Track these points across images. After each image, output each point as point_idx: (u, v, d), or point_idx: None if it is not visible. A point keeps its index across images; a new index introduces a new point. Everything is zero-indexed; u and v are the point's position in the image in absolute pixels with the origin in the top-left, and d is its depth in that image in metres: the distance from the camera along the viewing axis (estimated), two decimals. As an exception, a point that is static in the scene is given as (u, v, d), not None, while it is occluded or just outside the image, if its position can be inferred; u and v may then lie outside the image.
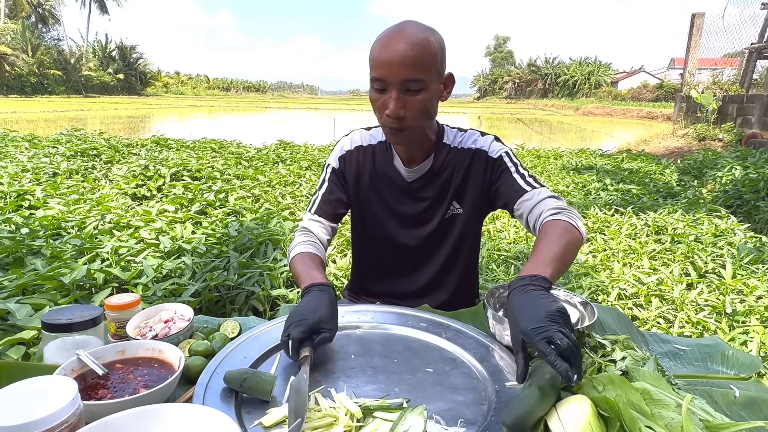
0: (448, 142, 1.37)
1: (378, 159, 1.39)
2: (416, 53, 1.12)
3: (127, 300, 1.14)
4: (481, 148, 1.35)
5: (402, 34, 1.14)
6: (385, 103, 1.17)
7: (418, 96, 1.17)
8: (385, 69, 1.14)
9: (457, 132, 1.40)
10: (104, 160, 6.39)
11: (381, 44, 1.15)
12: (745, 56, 13.56)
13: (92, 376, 0.91)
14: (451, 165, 1.36)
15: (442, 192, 1.38)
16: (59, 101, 37.16)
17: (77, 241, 2.66)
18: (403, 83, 1.14)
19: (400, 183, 1.38)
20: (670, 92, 37.60)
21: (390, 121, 1.19)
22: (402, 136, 1.23)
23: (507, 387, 0.93)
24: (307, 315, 1.00)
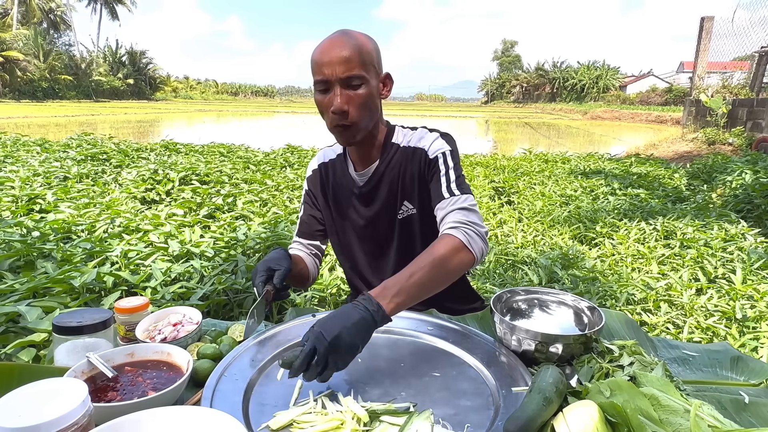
0: (397, 142, 1.39)
1: (337, 171, 1.45)
2: (353, 52, 1.19)
3: (136, 303, 1.15)
4: (422, 147, 1.35)
5: (339, 39, 1.21)
6: (329, 101, 1.22)
7: (359, 91, 1.21)
8: (327, 69, 1.19)
9: (407, 131, 1.42)
10: (114, 165, 6.45)
11: (320, 49, 1.21)
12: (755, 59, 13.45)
13: (102, 379, 0.92)
14: (398, 164, 1.36)
15: (390, 193, 1.38)
16: (70, 106, 37.55)
17: (87, 245, 2.69)
18: (344, 80, 1.19)
19: (353, 189, 1.41)
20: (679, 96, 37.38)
21: (336, 118, 1.22)
22: (349, 133, 1.26)
23: (513, 392, 0.93)
24: (266, 260, 1.24)
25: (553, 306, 1.20)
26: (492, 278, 3.14)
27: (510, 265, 3.39)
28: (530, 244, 3.82)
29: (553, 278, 3.04)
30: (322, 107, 1.25)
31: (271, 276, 1.20)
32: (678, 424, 0.74)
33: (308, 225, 1.52)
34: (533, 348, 1.02)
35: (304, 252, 1.51)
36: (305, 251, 1.52)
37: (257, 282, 1.20)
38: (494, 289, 2.86)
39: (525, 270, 3.17)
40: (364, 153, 1.37)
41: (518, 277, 3.13)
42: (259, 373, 1.00)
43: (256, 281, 1.21)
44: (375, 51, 1.26)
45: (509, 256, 3.50)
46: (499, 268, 3.29)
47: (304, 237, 1.52)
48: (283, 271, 1.21)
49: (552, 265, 3.13)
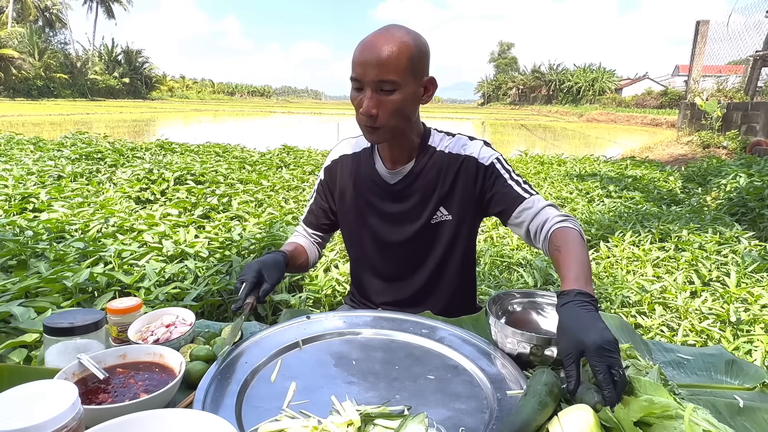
0: (434, 145, 1.38)
1: (362, 164, 1.43)
2: (390, 55, 1.16)
3: (129, 304, 1.14)
4: (471, 155, 1.35)
5: (381, 37, 1.18)
6: (361, 101, 1.21)
7: (391, 96, 1.19)
8: (360, 69, 1.18)
9: (444, 136, 1.41)
10: (109, 164, 6.42)
11: (361, 46, 1.20)
12: (750, 63, 13.54)
13: (93, 380, 0.91)
14: (436, 168, 1.36)
15: (425, 194, 1.38)
16: (65, 105, 37.40)
17: (81, 245, 2.67)
18: (376, 83, 1.18)
19: (382, 185, 1.40)
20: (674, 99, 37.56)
21: (363, 119, 1.22)
22: (376, 135, 1.26)
23: (508, 395, 0.93)
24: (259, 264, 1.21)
25: (548, 308, 1.20)
26: (487, 280, 3.14)
27: (505, 267, 3.39)
28: (525, 246, 3.82)
29: (549, 280, 3.04)
30: (354, 104, 1.25)
31: (258, 284, 1.18)
32: (672, 428, 0.74)
33: (316, 216, 1.53)
34: (528, 351, 1.02)
35: (307, 240, 1.55)
36: (308, 239, 1.55)
37: (242, 290, 1.16)
38: (489, 291, 2.86)
39: (520, 272, 3.18)
40: (398, 152, 1.37)
41: (513, 279, 3.13)
42: (252, 375, 0.99)
43: (241, 286, 1.17)
44: (418, 54, 1.20)
45: (504, 258, 3.50)
46: (494, 270, 3.29)
47: (310, 226, 1.55)
48: (269, 287, 1.19)
49: (547, 267, 3.13)
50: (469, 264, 1.51)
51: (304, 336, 1.12)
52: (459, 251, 1.44)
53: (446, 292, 1.48)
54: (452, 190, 1.36)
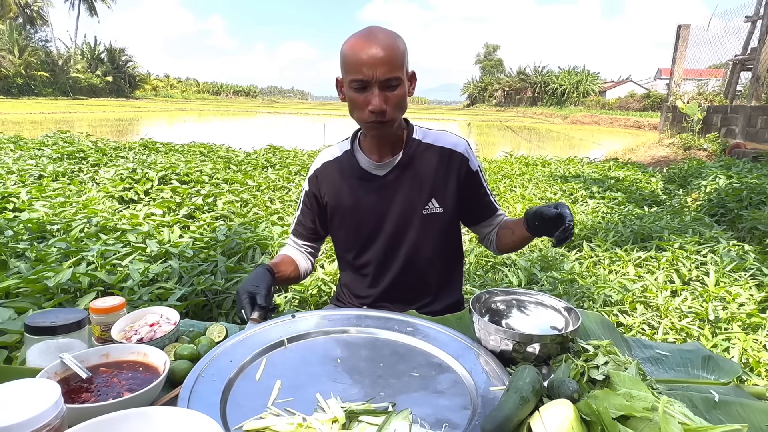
0: (418, 138, 1.47)
1: (345, 166, 1.49)
2: (392, 54, 1.25)
3: (112, 303, 1.13)
4: (463, 154, 1.46)
5: (376, 39, 1.25)
6: (366, 100, 1.28)
7: (395, 91, 1.29)
8: (367, 70, 1.24)
9: (426, 130, 1.51)
10: (91, 163, 6.33)
11: (358, 48, 1.26)
12: (729, 68, 13.81)
13: (76, 380, 0.91)
14: (424, 160, 1.44)
15: (416, 185, 1.44)
16: (46, 103, 36.78)
17: (62, 245, 2.63)
18: (384, 81, 1.26)
19: (370, 179, 1.46)
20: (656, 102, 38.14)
21: (373, 116, 1.29)
22: (383, 129, 1.34)
23: (491, 392, 0.94)
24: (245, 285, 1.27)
25: (530, 307, 1.22)
26: (472, 280, 3.16)
27: (490, 266, 3.42)
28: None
29: (533, 280, 3.07)
30: (357, 104, 1.31)
31: (254, 299, 1.22)
32: (648, 420, 0.75)
33: (303, 227, 1.58)
34: (511, 348, 1.03)
35: (297, 251, 1.59)
36: (299, 250, 1.60)
37: (245, 312, 1.20)
38: (474, 290, 2.88)
39: (505, 272, 3.20)
40: (387, 145, 1.44)
41: (498, 278, 3.16)
42: (237, 373, 0.99)
43: (242, 311, 1.21)
44: (406, 51, 1.32)
45: (489, 257, 3.53)
46: (479, 270, 3.31)
47: (300, 237, 1.59)
48: (264, 292, 1.24)
49: (531, 267, 3.16)
50: (458, 258, 1.60)
51: (289, 334, 1.13)
52: (450, 248, 1.53)
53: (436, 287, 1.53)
54: (445, 183, 1.45)
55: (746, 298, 2.64)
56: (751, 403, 0.99)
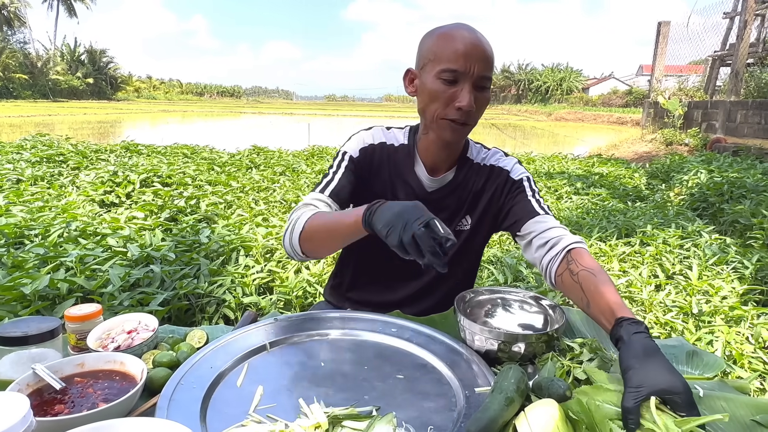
0: (472, 158, 1.36)
1: (399, 161, 1.34)
2: (490, 51, 1.17)
3: (88, 311, 1.10)
4: (504, 168, 1.35)
5: (475, 32, 1.17)
6: (454, 95, 1.16)
7: (484, 93, 1.20)
8: (465, 61, 1.14)
9: (481, 148, 1.39)
10: (71, 167, 6.22)
11: (458, 36, 1.16)
12: (709, 63, 14.02)
13: (49, 391, 0.88)
14: (472, 181, 1.34)
15: (458, 206, 1.35)
16: (25, 106, 36.13)
17: (40, 250, 2.57)
18: (479, 78, 1.16)
19: (418, 190, 1.33)
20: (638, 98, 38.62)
21: (459, 114, 1.17)
22: (462, 132, 1.22)
23: (476, 393, 0.93)
24: (418, 211, 0.92)
25: (515, 305, 1.21)
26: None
27: (477, 264, 3.41)
28: (496, 243, 3.86)
29: (518, 277, 3.08)
30: (442, 97, 1.17)
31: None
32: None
33: (345, 193, 1.31)
34: (496, 347, 1.02)
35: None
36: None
37: (438, 233, 0.89)
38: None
39: (491, 269, 3.21)
40: (444, 159, 1.31)
41: (485, 276, 3.16)
42: (218, 380, 0.96)
43: (437, 223, 0.90)
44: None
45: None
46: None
47: (335, 199, 1.30)
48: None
49: (517, 264, 3.17)
50: (470, 275, 1.49)
51: (271, 338, 1.11)
52: (466, 261, 1.43)
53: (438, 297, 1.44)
54: (477, 200, 1.35)
55: (728, 291, 2.67)
56: (735, 397, 0.99)
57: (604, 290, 1.02)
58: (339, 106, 71.98)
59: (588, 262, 1.11)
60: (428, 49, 1.20)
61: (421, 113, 1.26)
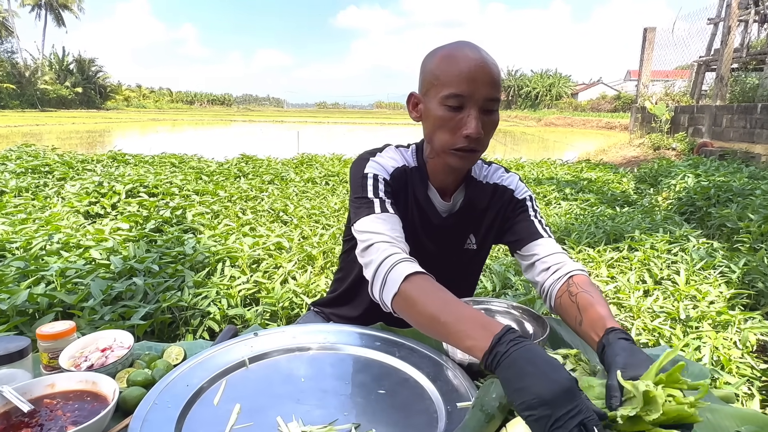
0: (476, 176, 1.32)
1: (416, 185, 1.28)
2: (497, 72, 1.10)
3: (61, 328, 1.07)
4: (508, 186, 1.32)
5: (479, 52, 1.11)
6: (461, 122, 1.10)
7: (492, 116, 1.13)
8: (470, 85, 1.08)
9: (482, 164, 1.36)
10: (57, 177, 6.15)
11: (461, 58, 1.09)
12: (695, 69, 14.19)
13: (17, 414, 0.85)
14: (480, 200, 1.31)
15: (465, 227, 1.33)
16: (13, 116, 35.82)
17: (21, 263, 2.52)
18: (486, 101, 1.10)
19: (433, 216, 1.29)
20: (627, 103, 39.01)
21: (466, 142, 1.11)
22: (472, 159, 1.16)
23: (458, 407, 0.91)
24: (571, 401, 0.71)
25: (500, 316, 1.20)
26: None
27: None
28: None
29: (507, 284, 3.06)
30: (448, 125, 1.12)
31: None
32: None
33: (399, 222, 1.17)
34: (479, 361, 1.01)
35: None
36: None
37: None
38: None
39: (482, 281, 3.19)
40: (452, 182, 1.28)
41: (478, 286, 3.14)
42: (194, 398, 0.94)
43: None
44: None
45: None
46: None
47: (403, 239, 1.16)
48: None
49: (505, 272, 3.16)
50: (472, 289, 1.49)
51: (251, 354, 1.08)
52: (470, 277, 1.42)
53: None
54: (481, 218, 1.32)
55: (716, 295, 2.67)
56: (720, 408, 0.98)
57: (598, 308, 1.03)
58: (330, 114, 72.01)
59: (588, 286, 1.11)
60: (431, 72, 1.14)
61: (427, 140, 1.21)
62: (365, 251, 1.12)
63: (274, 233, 3.81)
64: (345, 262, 1.48)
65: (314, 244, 3.61)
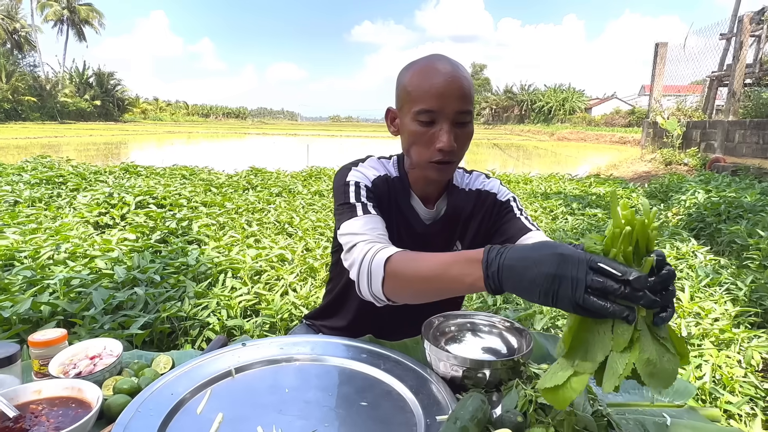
0: (457, 184, 1.35)
1: (398, 194, 1.31)
2: (467, 84, 1.13)
3: (52, 336, 1.10)
4: (490, 191, 1.35)
5: (448, 66, 1.13)
6: (434, 136, 1.13)
7: (466, 128, 1.16)
8: (438, 100, 1.10)
9: (463, 173, 1.39)
10: (70, 188, 6.27)
11: (430, 75, 1.12)
12: (707, 84, 14.10)
13: (3, 420, 0.87)
14: (462, 207, 1.34)
15: (451, 234, 1.35)
16: (33, 128, 36.61)
17: (28, 273, 2.58)
18: (456, 114, 1.12)
19: (416, 224, 1.32)
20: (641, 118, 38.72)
21: (440, 155, 1.14)
22: (448, 170, 1.19)
23: (438, 420, 0.92)
24: (572, 260, 0.69)
25: (484, 330, 1.19)
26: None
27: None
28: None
29: (508, 299, 3.05)
30: (421, 140, 1.15)
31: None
32: None
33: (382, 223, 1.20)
34: (461, 374, 1.01)
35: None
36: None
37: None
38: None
39: (484, 296, 3.18)
40: (433, 191, 1.31)
41: (475, 297, 3.13)
42: (178, 407, 0.95)
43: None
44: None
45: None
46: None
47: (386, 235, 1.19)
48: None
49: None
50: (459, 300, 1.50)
51: (237, 364, 1.09)
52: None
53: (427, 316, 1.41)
54: (467, 225, 1.35)
55: (720, 313, 2.63)
56: (702, 425, 0.97)
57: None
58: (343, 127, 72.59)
59: None
60: (404, 87, 1.17)
61: (405, 153, 1.25)
62: (348, 253, 1.14)
63: (278, 245, 3.84)
64: (333, 273, 1.50)
65: (317, 257, 3.63)
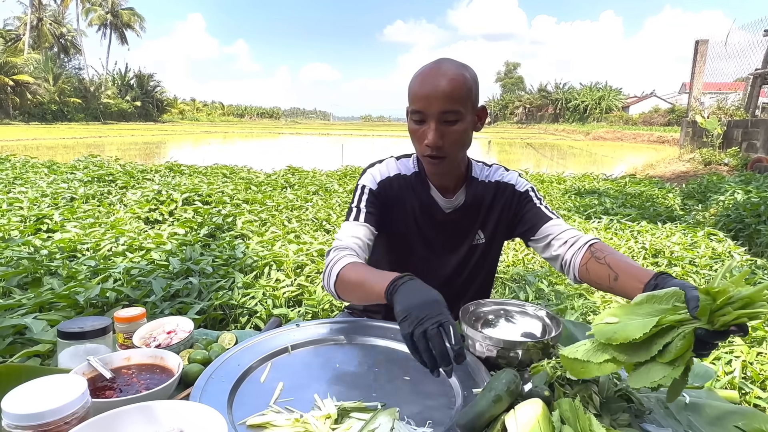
0: (476, 176, 1.45)
1: (416, 188, 1.42)
2: (452, 87, 1.21)
3: (134, 313, 1.25)
4: (509, 182, 1.45)
5: (439, 70, 1.24)
6: (423, 133, 1.26)
7: (454, 126, 1.25)
8: (424, 102, 1.23)
9: (483, 166, 1.48)
10: (119, 186, 6.60)
11: (420, 79, 1.25)
12: (750, 81, 13.62)
13: (101, 380, 1.02)
14: (482, 197, 1.44)
15: (472, 223, 1.45)
16: (78, 128, 38.06)
17: (92, 263, 2.80)
18: (440, 114, 1.23)
19: (437, 214, 1.42)
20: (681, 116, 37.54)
21: (429, 150, 1.26)
22: (440, 166, 1.31)
23: (473, 393, 1.02)
24: (437, 309, 0.91)
25: (517, 315, 1.30)
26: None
27: (501, 283, 3.47)
28: (520, 263, 3.90)
29: (540, 295, 3.12)
30: (416, 136, 1.29)
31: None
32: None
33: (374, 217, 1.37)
34: (495, 354, 1.11)
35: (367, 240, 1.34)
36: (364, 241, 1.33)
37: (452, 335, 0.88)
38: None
39: (513, 287, 3.26)
40: (450, 182, 1.41)
41: (507, 293, 3.21)
42: (244, 376, 1.08)
43: (450, 330, 0.88)
44: (474, 85, 1.27)
45: (500, 273, 3.59)
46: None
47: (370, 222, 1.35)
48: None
49: (539, 282, 3.21)
50: (489, 283, 1.59)
51: (293, 342, 1.22)
52: (482, 274, 1.52)
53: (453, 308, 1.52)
54: (488, 215, 1.45)
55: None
56: (720, 404, 1.04)
57: (632, 263, 1.16)
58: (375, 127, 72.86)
59: (611, 250, 1.24)
60: (408, 90, 1.30)
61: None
62: (328, 251, 1.32)
63: (317, 240, 4.00)
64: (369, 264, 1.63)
65: (355, 252, 3.75)
